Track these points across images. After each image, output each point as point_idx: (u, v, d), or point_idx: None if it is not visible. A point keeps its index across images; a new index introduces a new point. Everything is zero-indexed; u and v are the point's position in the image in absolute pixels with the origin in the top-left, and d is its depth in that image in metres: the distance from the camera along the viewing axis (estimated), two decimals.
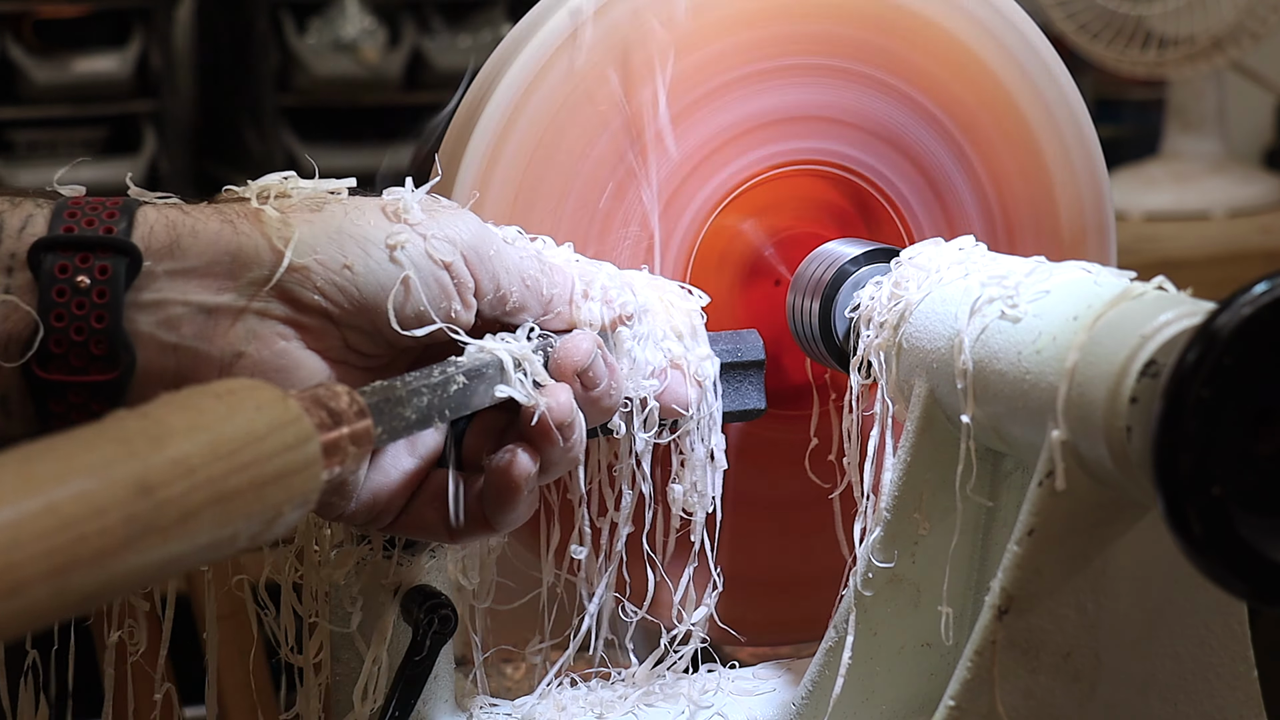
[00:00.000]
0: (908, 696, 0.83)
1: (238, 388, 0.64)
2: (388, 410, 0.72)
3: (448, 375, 0.76)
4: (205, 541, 0.60)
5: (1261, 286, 0.64)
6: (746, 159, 0.93)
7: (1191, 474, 0.63)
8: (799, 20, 0.93)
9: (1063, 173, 0.96)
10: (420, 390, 0.74)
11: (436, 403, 0.75)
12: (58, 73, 2.68)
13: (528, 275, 0.81)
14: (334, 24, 2.76)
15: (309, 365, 0.77)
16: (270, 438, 0.63)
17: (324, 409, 0.67)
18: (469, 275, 0.79)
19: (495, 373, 0.78)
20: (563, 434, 0.79)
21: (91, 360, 0.73)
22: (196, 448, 0.60)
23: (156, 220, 0.75)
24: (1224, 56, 2.28)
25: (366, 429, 0.70)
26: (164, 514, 0.58)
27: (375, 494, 0.79)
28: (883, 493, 0.82)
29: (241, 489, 0.61)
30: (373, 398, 0.71)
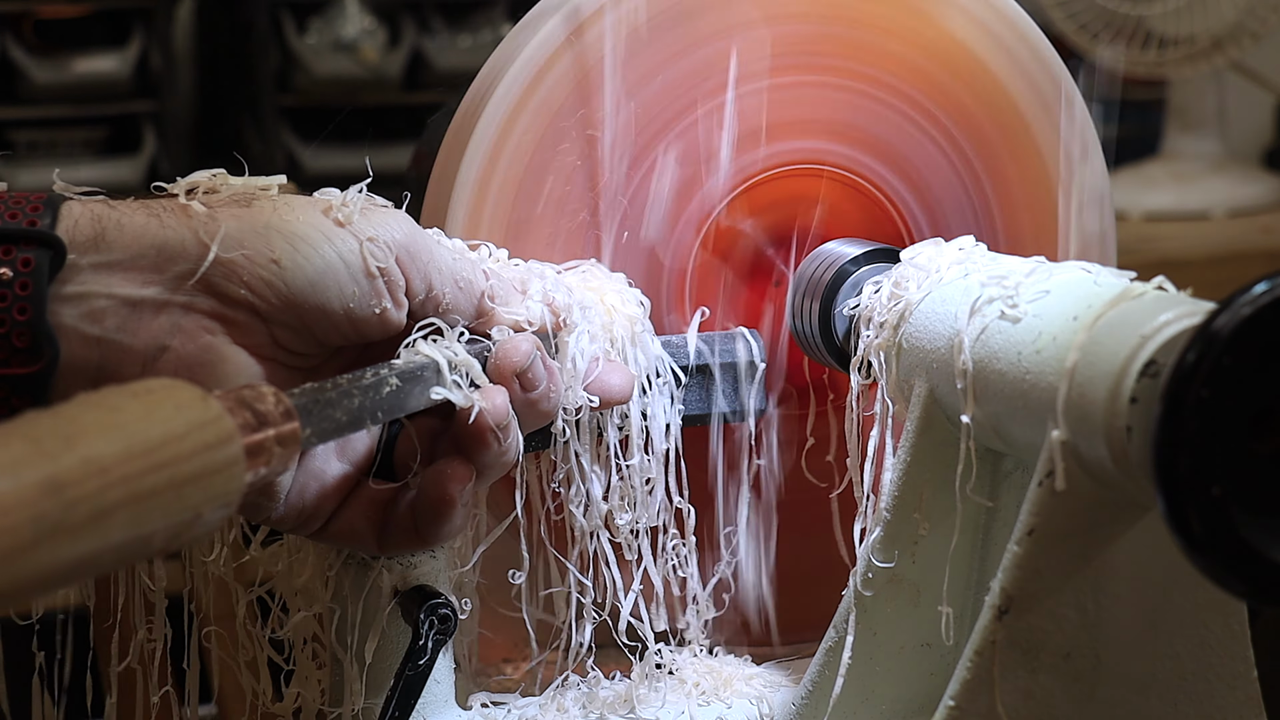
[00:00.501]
0: (908, 696, 0.83)
1: (156, 387, 0.63)
2: (316, 412, 0.71)
3: (380, 377, 0.75)
4: (120, 541, 0.59)
5: (1261, 286, 0.64)
6: (747, 159, 0.93)
7: (1191, 474, 0.63)
8: (798, 20, 0.93)
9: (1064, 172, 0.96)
10: (351, 392, 0.74)
11: (368, 404, 0.74)
12: (58, 73, 2.68)
13: (460, 277, 0.81)
14: (334, 24, 2.76)
15: (235, 361, 0.76)
16: (189, 437, 0.62)
17: (248, 409, 0.66)
18: (400, 275, 0.78)
19: (431, 375, 0.78)
20: (497, 436, 0.79)
21: (14, 353, 0.72)
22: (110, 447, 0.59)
23: (81, 214, 0.74)
24: (1224, 56, 2.28)
25: (293, 431, 0.69)
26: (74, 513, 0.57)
27: (304, 498, 0.79)
28: (883, 493, 0.82)
29: (158, 489, 0.60)
30: (301, 399, 0.70)
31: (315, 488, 0.79)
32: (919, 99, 0.94)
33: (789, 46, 0.93)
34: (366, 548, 0.81)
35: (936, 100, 0.95)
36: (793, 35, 0.93)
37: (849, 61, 0.93)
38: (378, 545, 0.81)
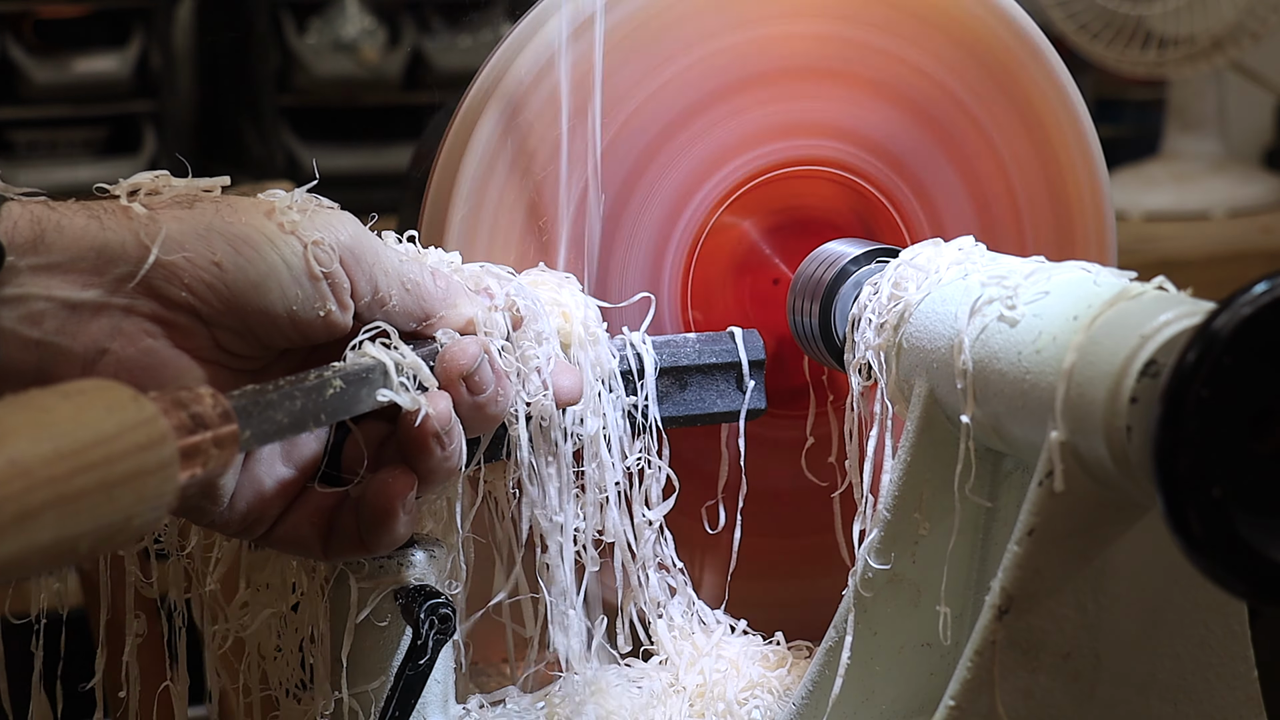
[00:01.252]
0: (908, 696, 0.83)
1: (88, 388, 0.63)
2: (257, 414, 0.70)
3: (324, 379, 0.75)
4: (47, 543, 0.59)
5: (1261, 286, 0.64)
6: (747, 159, 0.93)
7: (1191, 474, 0.63)
8: (799, 20, 0.93)
9: (1063, 172, 0.96)
10: (293, 394, 0.73)
11: (311, 407, 0.73)
12: (58, 73, 2.68)
13: (407, 279, 0.80)
14: (334, 24, 2.76)
15: (176, 365, 0.76)
16: (121, 438, 0.61)
17: (185, 411, 0.66)
18: (345, 277, 0.78)
19: (376, 377, 0.77)
20: (440, 442, 0.78)
21: None
22: (38, 448, 0.59)
23: (21, 215, 0.73)
24: (1224, 56, 2.28)
25: (232, 433, 0.68)
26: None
27: (249, 503, 0.78)
28: (883, 493, 0.82)
29: (87, 490, 0.60)
30: (240, 401, 0.70)
31: (260, 492, 0.78)
32: (918, 101, 0.94)
33: (789, 47, 0.93)
34: (311, 553, 0.81)
35: (937, 101, 0.95)
36: (793, 36, 0.93)
37: (849, 64, 0.93)
38: (323, 551, 0.80)
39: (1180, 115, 2.43)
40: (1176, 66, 2.31)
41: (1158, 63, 2.31)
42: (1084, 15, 2.30)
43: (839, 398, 0.95)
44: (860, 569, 0.82)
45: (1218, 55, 2.28)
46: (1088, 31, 2.31)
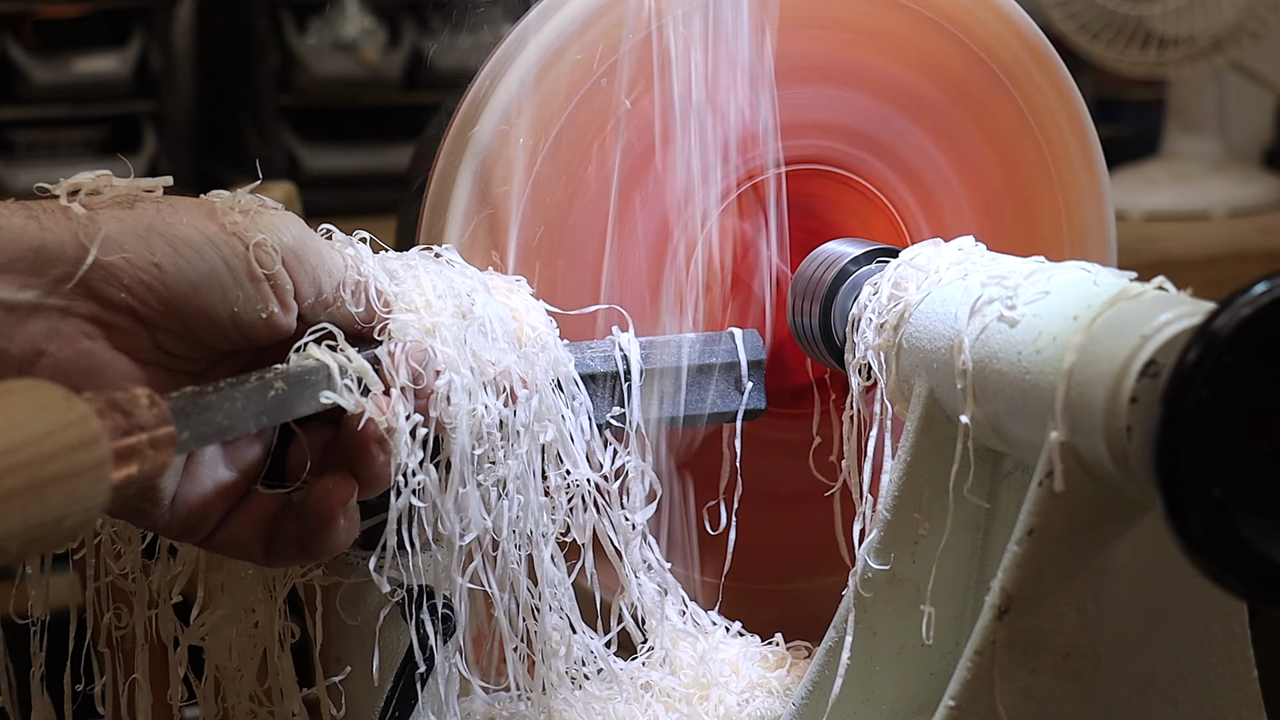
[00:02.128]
0: (908, 696, 0.83)
1: (19, 387, 0.62)
2: (195, 415, 0.70)
3: (265, 380, 0.74)
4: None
5: (1261, 286, 0.64)
6: (747, 159, 0.93)
7: (1192, 474, 0.63)
8: (798, 18, 0.93)
9: (1063, 173, 0.96)
10: (233, 395, 0.72)
11: (251, 408, 0.73)
12: (58, 73, 2.67)
13: (351, 280, 0.80)
14: (334, 24, 2.76)
15: (115, 367, 0.75)
16: (51, 437, 0.61)
17: (119, 412, 0.65)
18: (288, 279, 0.77)
19: (319, 379, 0.76)
20: (382, 447, 0.77)
21: None
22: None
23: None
24: (1224, 56, 2.28)
25: (169, 434, 0.67)
26: None
27: (190, 506, 0.77)
28: (883, 493, 0.82)
29: (16, 489, 0.59)
30: (179, 402, 0.69)
31: (201, 495, 0.77)
32: (918, 101, 0.94)
33: (790, 50, 0.93)
34: (253, 558, 0.80)
35: (936, 101, 0.95)
36: (793, 39, 0.93)
37: (850, 64, 0.93)
38: (264, 556, 0.79)
39: (1180, 115, 2.43)
40: (1176, 66, 2.31)
41: (1158, 63, 2.31)
42: (1084, 15, 2.30)
43: (840, 397, 0.95)
44: (860, 569, 0.82)
45: (1218, 55, 2.28)
46: (1088, 31, 2.31)
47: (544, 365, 0.84)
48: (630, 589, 0.90)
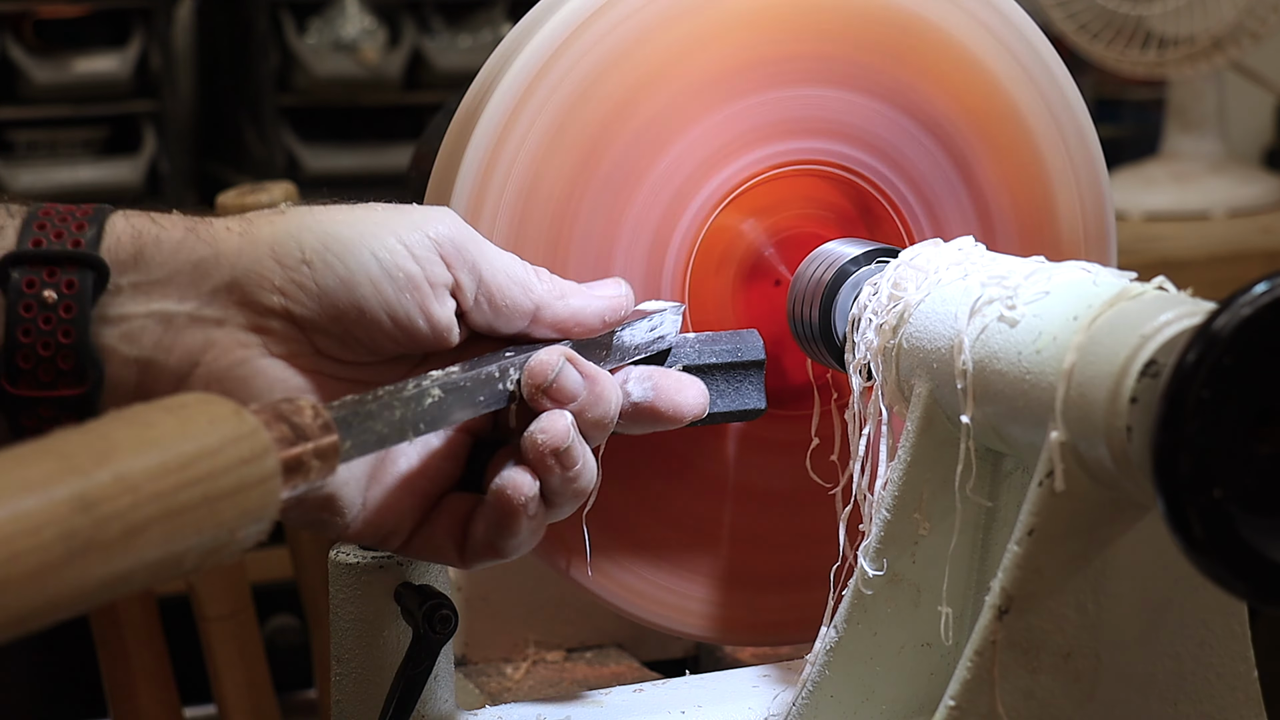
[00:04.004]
0: (908, 696, 0.83)
1: (190, 401, 0.63)
2: (356, 424, 0.70)
3: (422, 389, 0.74)
4: (154, 559, 0.59)
5: (1261, 286, 0.64)
6: (747, 159, 0.93)
7: (1192, 475, 0.63)
8: (797, 17, 0.93)
9: (1063, 174, 0.96)
10: (391, 404, 0.72)
11: (410, 416, 0.73)
12: (58, 73, 2.68)
13: (513, 272, 0.79)
14: (334, 24, 2.76)
15: (270, 374, 0.76)
16: (224, 452, 0.61)
17: (285, 423, 0.66)
18: (444, 271, 0.77)
19: (476, 386, 0.76)
20: (560, 462, 0.77)
21: (59, 375, 0.72)
22: (143, 463, 0.59)
23: (124, 231, 0.74)
24: (1224, 56, 2.28)
25: (332, 444, 0.68)
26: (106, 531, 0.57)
27: (382, 515, 0.78)
28: (883, 493, 0.82)
29: (193, 504, 0.60)
30: (340, 411, 0.70)
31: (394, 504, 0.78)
32: (917, 100, 0.94)
33: (790, 52, 0.93)
34: (449, 561, 0.81)
35: (935, 101, 0.95)
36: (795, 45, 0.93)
37: (849, 64, 0.93)
38: (460, 559, 0.80)
39: (1180, 115, 2.43)
40: (1176, 66, 2.31)
41: (1158, 63, 2.31)
42: (1084, 15, 2.30)
43: (841, 397, 0.95)
44: (860, 569, 0.82)
45: (1218, 55, 2.28)
46: (1088, 31, 2.31)
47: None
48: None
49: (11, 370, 0.72)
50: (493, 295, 0.79)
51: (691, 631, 0.96)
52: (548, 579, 1.07)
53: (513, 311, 0.80)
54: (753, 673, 0.94)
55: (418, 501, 0.79)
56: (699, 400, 0.84)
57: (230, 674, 1.42)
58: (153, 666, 1.36)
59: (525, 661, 1.05)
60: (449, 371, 0.76)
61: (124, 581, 0.58)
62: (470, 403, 0.76)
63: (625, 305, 0.83)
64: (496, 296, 0.79)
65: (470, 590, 1.06)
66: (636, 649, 1.11)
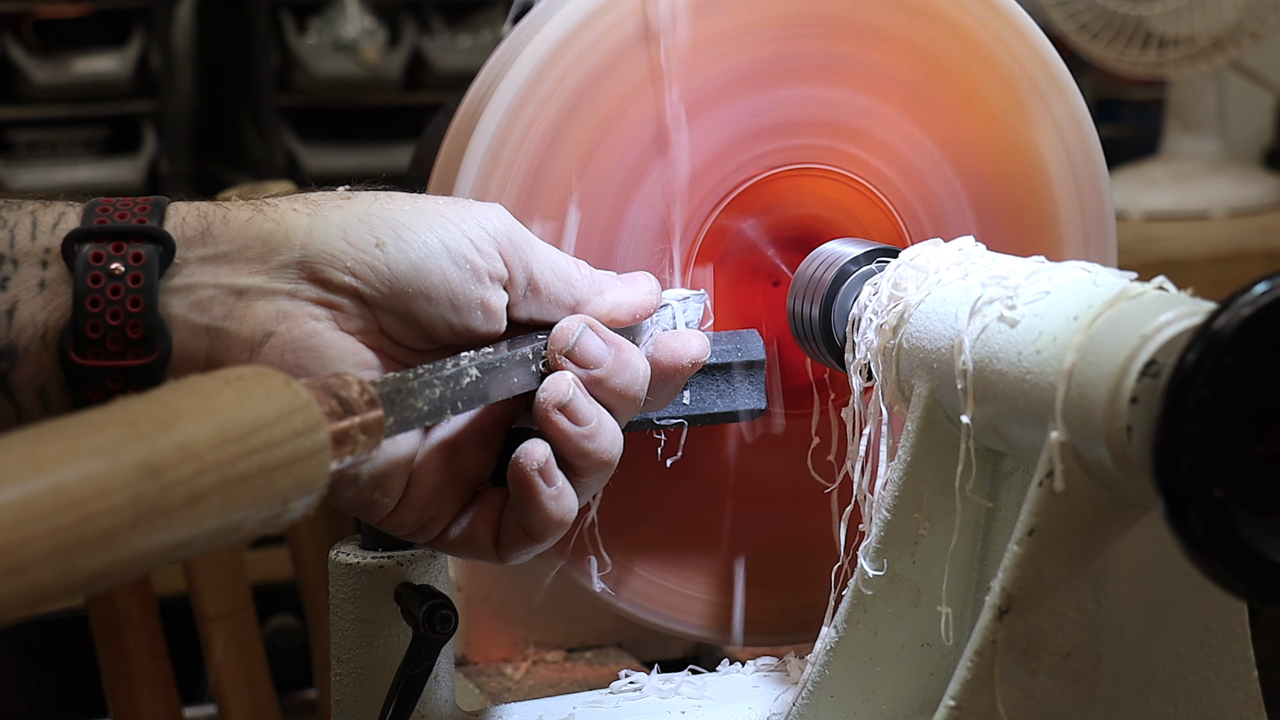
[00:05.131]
0: (908, 696, 0.83)
1: (246, 374, 0.64)
2: (399, 401, 0.73)
3: (460, 368, 0.76)
4: (213, 527, 0.60)
5: (1261, 286, 0.64)
6: (747, 159, 0.93)
7: (1192, 474, 0.63)
8: (797, 17, 0.93)
9: (1063, 173, 0.96)
10: (432, 382, 0.75)
11: (449, 395, 0.76)
12: (58, 73, 2.68)
13: (558, 267, 0.82)
14: (334, 24, 2.76)
15: (340, 346, 0.77)
16: (279, 424, 0.63)
17: (334, 397, 0.67)
18: (501, 264, 0.79)
19: (510, 367, 0.79)
20: (566, 414, 0.78)
21: (128, 344, 0.74)
22: (204, 432, 0.60)
23: (188, 212, 0.77)
24: (1224, 56, 2.28)
25: (378, 419, 0.69)
26: (171, 497, 0.58)
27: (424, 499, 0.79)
28: (883, 493, 0.82)
29: (250, 474, 0.61)
30: (384, 388, 0.72)
31: (434, 491, 0.80)
32: (918, 100, 0.94)
33: (791, 50, 0.93)
34: (486, 555, 0.82)
35: (935, 100, 0.95)
36: (793, 40, 0.93)
37: (849, 64, 0.93)
38: (496, 553, 0.81)
39: (1180, 115, 2.43)
40: (1176, 66, 2.31)
41: (1158, 63, 2.31)
42: (1084, 15, 2.30)
43: (840, 397, 0.95)
44: (860, 569, 0.82)
45: (1218, 55, 2.28)
46: (1088, 31, 2.30)
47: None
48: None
49: (80, 340, 0.74)
50: (539, 290, 0.81)
51: (692, 631, 0.97)
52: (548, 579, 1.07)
53: (555, 305, 0.82)
54: (753, 673, 0.94)
55: (457, 490, 0.81)
56: (699, 346, 0.85)
57: (230, 674, 1.42)
58: (153, 666, 1.36)
59: (525, 661, 1.05)
60: (484, 352, 0.79)
61: (185, 547, 0.60)
62: (505, 383, 0.79)
63: (655, 301, 0.85)
64: (543, 291, 0.81)
65: (470, 590, 1.06)
66: (636, 649, 1.11)
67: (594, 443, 0.79)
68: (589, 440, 0.79)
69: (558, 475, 0.79)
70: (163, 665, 1.37)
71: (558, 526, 0.80)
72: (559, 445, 0.79)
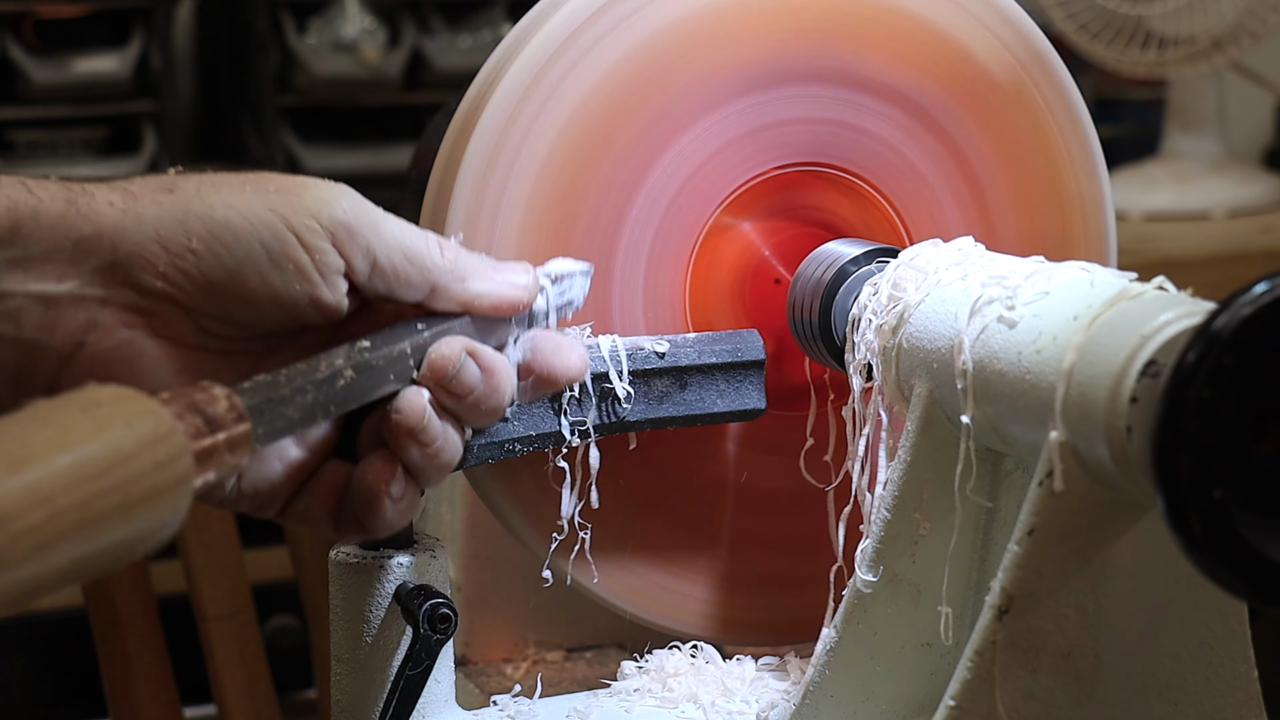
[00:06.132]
0: (908, 696, 0.83)
1: (106, 399, 0.61)
2: (269, 410, 0.70)
3: (335, 369, 0.74)
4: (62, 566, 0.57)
5: (1261, 286, 0.64)
6: (748, 158, 0.93)
7: (1192, 474, 0.63)
8: (798, 17, 0.92)
9: (1063, 172, 0.96)
10: (305, 388, 0.72)
11: (322, 399, 0.73)
12: (58, 73, 2.68)
13: (411, 250, 0.77)
14: (334, 24, 2.76)
15: (154, 355, 0.74)
16: (140, 456, 0.60)
17: (199, 415, 0.65)
18: (336, 256, 0.75)
19: (387, 365, 0.76)
20: (416, 441, 0.76)
21: None
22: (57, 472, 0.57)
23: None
24: (1224, 56, 2.28)
25: (245, 434, 0.67)
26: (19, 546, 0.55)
27: (258, 486, 0.77)
28: (882, 493, 0.82)
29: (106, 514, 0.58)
30: (253, 398, 0.69)
31: (270, 475, 0.77)
32: (917, 99, 0.94)
33: (792, 50, 0.93)
34: (323, 531, 0.79)
35: (935, 100, 0.95)
36: (793, 40, 0.93)
37: (848, 63, 0.93)
38: (334, 529, 0.79)
39: (1180, 115, 2.43)
40: (1176, 66, 2.31)
41: (1158, 63, 2.31)
42: (1084, 15, 2.30)
43: (839, 397, 0.95)
44: (860, 569, 0.82)
45: (1218, 55, 2.28)
46: (1088, 31, 2.30)
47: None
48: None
49: None
50: (387, 276, 0.77)
51: (691, 631, 0.97)
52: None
53: (408, 290, 0.78)
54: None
55: (294, 472, 0.78)
56: (577, 364, 0.82)
57: (230, 674, 1.42)
58: (153, 666, 1.36)
59: (525, 661, 1.05)
60: (360, 348, 0.75)
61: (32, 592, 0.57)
62: (382, 381, 0.76)
63: (524, 299, 0.80)
64: (390, 277, 0.77)
65: (470, 590, 1.06)
66: (636, 649, 1.11)
67: (438, 459, 0.77)
68: (434, 458, 0.77)
69: (403, 487, 0.77)
70: (163, 665, 1.37)
71: (397, 528, 0.79)
72: (405, 458, 0.77)
